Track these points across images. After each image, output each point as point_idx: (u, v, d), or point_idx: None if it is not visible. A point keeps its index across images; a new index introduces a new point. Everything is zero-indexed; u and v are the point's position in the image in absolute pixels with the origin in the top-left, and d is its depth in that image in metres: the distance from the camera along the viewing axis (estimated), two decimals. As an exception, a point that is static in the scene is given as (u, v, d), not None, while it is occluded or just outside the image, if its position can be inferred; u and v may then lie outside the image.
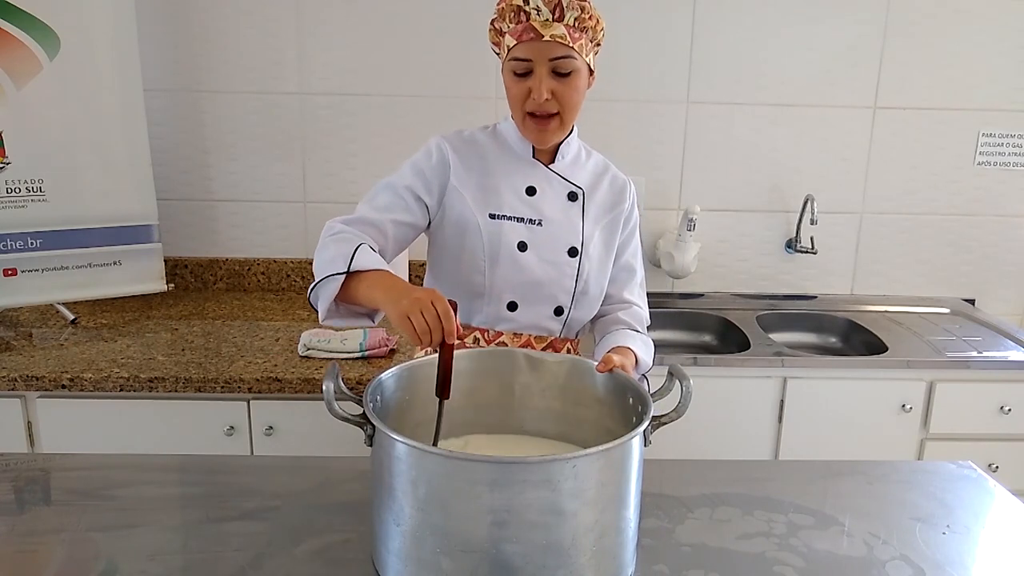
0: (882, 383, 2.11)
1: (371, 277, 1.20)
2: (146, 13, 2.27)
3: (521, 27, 1.31)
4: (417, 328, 1.08)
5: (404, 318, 1.09)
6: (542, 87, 1.31)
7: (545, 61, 1.30)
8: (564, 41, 1.29)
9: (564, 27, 1.30)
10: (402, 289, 1.15)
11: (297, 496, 1.25)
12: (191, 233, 2.49)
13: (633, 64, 2.41)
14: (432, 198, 1.40)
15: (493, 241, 1.38)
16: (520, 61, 1.31)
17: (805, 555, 1.13)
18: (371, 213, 1.36)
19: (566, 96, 1.33)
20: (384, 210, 1.37)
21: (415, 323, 1.08)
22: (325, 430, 1.77)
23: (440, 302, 1.09)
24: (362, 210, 1.37)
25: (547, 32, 1.29)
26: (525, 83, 1.33)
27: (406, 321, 1.09)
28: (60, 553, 1.10)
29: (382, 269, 1.22)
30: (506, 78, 1.36)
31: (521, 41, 1.30)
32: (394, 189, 1.39)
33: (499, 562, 0.92)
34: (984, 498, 1.32)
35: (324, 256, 1.25)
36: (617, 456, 0.97)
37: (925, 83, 2.46)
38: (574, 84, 1.33)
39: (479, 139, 1.45)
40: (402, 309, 1.10)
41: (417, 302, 1.09)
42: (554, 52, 1.30)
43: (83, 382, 1.79)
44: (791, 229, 2.55)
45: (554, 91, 1.32)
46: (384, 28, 2.36)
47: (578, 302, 1.45)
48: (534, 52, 1.30)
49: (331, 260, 1.23)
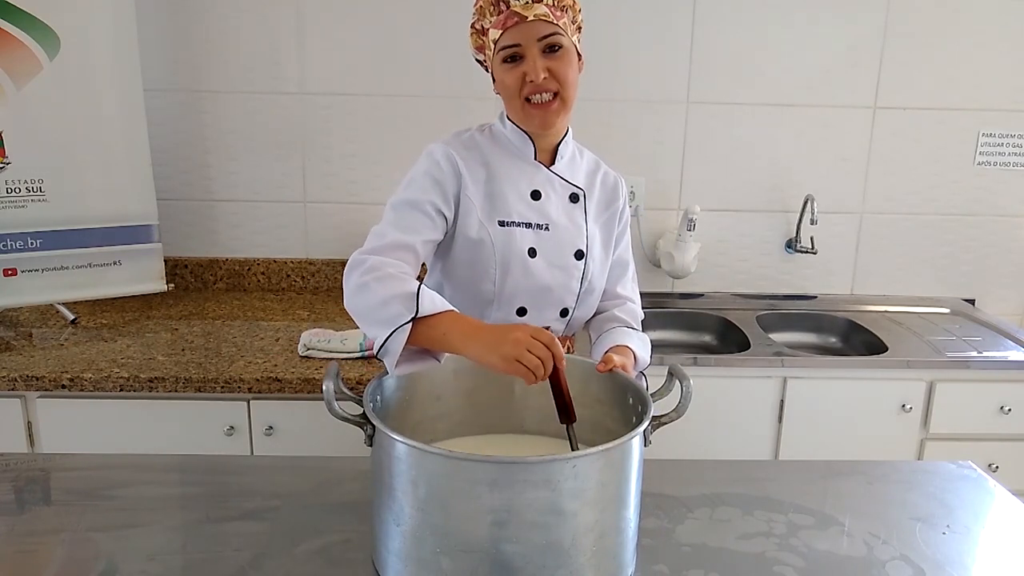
0: (882, 383, 2.11)
1: (444, 324, 1.13)
2: (146, 13, 2.27)
3: (503, 16, 1.30)
4: (531, 367, 1.05)
5: (513, 362, 1.05)
6: (537, 66, 1.30)
7: (534, 42, 1.30)
8: (548, 19, 1.29)
9: (545, 6, 1.30)
10: (491, 334, 1.10)
11: (297, 496, 1.25)
12: (191, 233, 2.49)
13: (633, 64, 2.41)
14: (450, 210, 1.35)
15: (504, 249, 1.36)
16: (509, 48, 1.30)
17: (805, 555, 1.13)
18: (401, 236, 1.28)
19: (562, 72, 1.32)
20: (414, 231, 1.29)
21: (528, 364, 1.05)
22: (325, 430, 1.77)
23: (541, 333, 1.07)
24: (390, 235, 1.28)
25: (530, 13, 1.28)
26: (518, 68, 1.31)
27: (516, 365, 1.05)
28: (60, 553, 1.10)
29: (450, 310, 1.15)
30: (497, 72, 1.35)
31: (506, 28, 1.30)
32: (418, 207, 1.32)
33: (499, 562, 0.92)
34: (984, 498, 1.32)
35: (371, 299, 1.15)
36: (617, 456, 0.97)
37: (925, 83, 2.46)
38: (567, 60, 1.33)
39: (480, 142, 1.42)
40: (506, 354, 1.06)
41: (519, 343, 1.05)
42: (541, 31, 1.29)
43: (83, 382, 1.79)
44: (791, 229, 2.55)
45: (549, 68, 1.31)
46: (384, 28, 2.36)
47: (582, 302, 1.46)
48: (522, 35, 1.30)
49: (384, 304, 1.13)
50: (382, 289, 1.15)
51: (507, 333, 1.07)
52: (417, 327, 1.12)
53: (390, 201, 1.35)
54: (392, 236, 1.27)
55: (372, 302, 1.15)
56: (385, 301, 1.13)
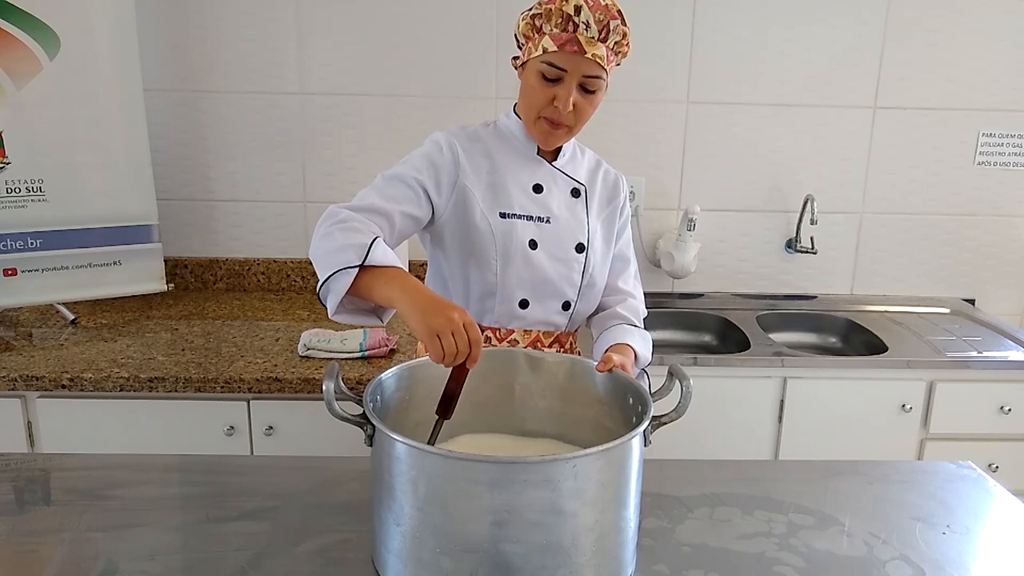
0: (882, 383, 2.11)
1: (389, 275, 1.14)
2: (146, 13, 2.27)
3: (566, 36, 1.30)
4: (446, 350, 1.04)
5: (434, 336, 1.04)
6: (569, 99, 1.32)
7: (578, 75, 1.31)
8: (601, 63, 1.31)
9: (605, 48, 1.31)
10: (431, 301, 1.09)
11: (297, 496, 1.25)
12: (191, 233, 2.49)
13: (633, 64, 2.39)
14: (440, 196, 1.37)
15: (505, 240, 1.38)
16: (555, 68, 1.31)
17: (805, 555, 1.13)
18: (381, 202, 1.30)
19: (585, 111, 1.36)
20: (394, 200, 1.31)
21: (444, 344, 1.04)
22: (325, 430, 1.77)
23: (473, 329, 1.06)
24: (369, 198, 1.30)
25: (590, 50, 1.29)
26: (551, 89, 1.33)
27: (435, 340, 1.04)
28: (60, 553, 1.10)
29: (399, 267, 1.16)
30: (531, 78, 1.35)
31: (563, 50, 1.30)
32: (405, 180, 1.34)
33: (499, 562, 0.92)
34: (984, 498, 1.32)
35: (330, 245, 1.18)
36: (617, 456, 0.97)
37: (925, 83, 2.46)
38: (595, 101, 1.36)
39: (483, 136, 1.44)
40: (433, 326, 1.05)
41: (451, 323, 1.04)
42: (589, 70, 1.31)
43: (83, 382, 1.79)
44: (791, 229, 2.55)
45: (576, 104, 1.33)
46: (384, 28, 2.36)
47: (584, 295, 1.47)
48: (572, 64, 1.30)
49: (339, 250, 1.16)
50: (342, 238, 1.18)
51: (445, 309, 1.07)
52: (363, 276, 1.14)
53: (382, 172, 1.37)
54: (371, 200, 1.31)
55: (329, 247, 1.18)
56: (341, 248, 1.16)
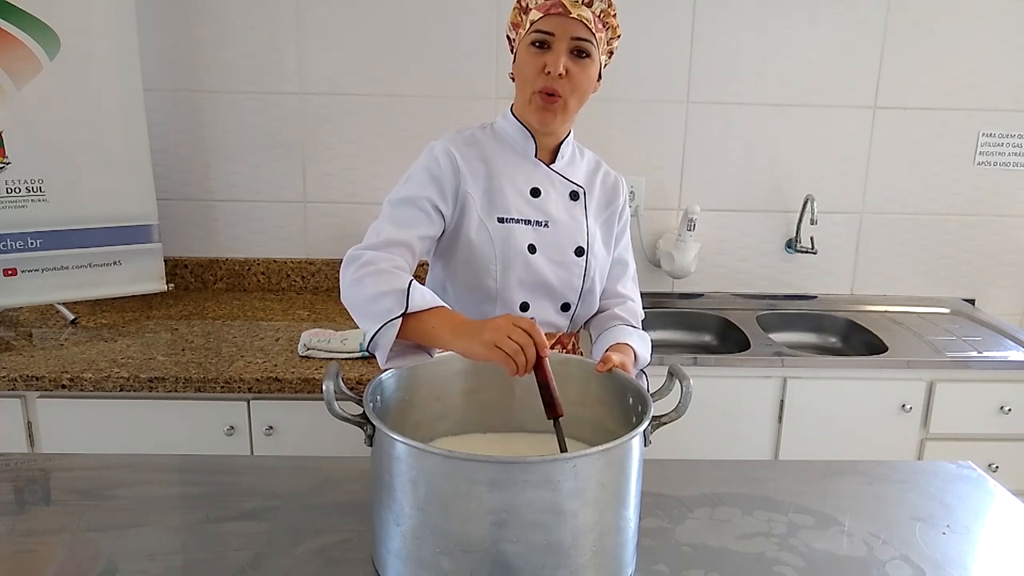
0: (882, 383, 2.11)
1: (434, 319, 1.15)
2: (146, 13, 2.27)
3: (550, 2, 1.32)
4: (510, 352, 1.04)
5: (493, 348, 1.05)
6: (559, 61, 1.31)
7: (567, 38, 1.32)
8: (588, 25, 1.31)
9: (591, 12, 1.32)
10: (473, 324, 1.10)
11: (297, 496, 1.25)
12: (191, 233, 2.49)
13: (633, 64, 2.41)
14: (448, 206, 1.36)
15: (503, 245, 1.37)
16: (542, 33, 1.32)
17: (805, 555, 1.13)
18: (397, 232, 1.29)
19: (578, 79, 1.34)
20: (409, 227, 1.30)
21: (507, 348, 1.04)
22: (325, 430, 1.77)
23: (523, 320, 1.06)
24: (385, 231, 1.29)
25: (575, 11, 1.31)
26: (542, 57, 1.33)
27: (496, 351, 1.04)
28: (60, 553, 1.10)
29: (440, 306, 1.17)
30: (522, 53, 1.36)
31: (548, 13, 1.31)
32: (414, 203, 1.33)
33: (499, 562, 0.92)
34: (984, 498, 1.32)
35: (364, 293, 1.18)
36: (617, 456, 0.97)
37: (925, 83, 2.46)
38: (588, 70, 1.35)
39: (479, 139, 1.43)
40: (486, 340, 1.05)
41: (499, 328, 1.05)
42: (577, 31, 1.31)
43: (83, 382, 1.79)
44: (791, 229, 2.55)
45: (568, 70, 1.32)
46: (384, 28, 2.36)
47: (584, 298, 1.47)
48: (558, 27, 1.31)
49: (376, 298, 1.16)
50: (375, 284, 1.17)
51: (488, 322, 1.08)
52: (407, 322, 1.14)
53: (388, 198, 1.36)
54: (388, 233, 1.29)
55: (365, 296, 1.17)
56: (377, 296, 1.16)
